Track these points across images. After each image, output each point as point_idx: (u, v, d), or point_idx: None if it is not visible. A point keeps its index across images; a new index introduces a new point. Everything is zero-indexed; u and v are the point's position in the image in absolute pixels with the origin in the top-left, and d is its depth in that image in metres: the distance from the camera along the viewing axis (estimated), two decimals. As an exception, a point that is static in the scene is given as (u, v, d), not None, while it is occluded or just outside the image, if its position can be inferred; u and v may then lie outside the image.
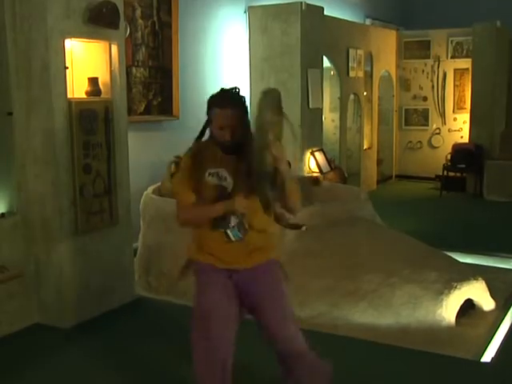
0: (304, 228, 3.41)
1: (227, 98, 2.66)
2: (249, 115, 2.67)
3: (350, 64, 8.79)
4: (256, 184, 2.56)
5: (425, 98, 10.49)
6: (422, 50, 10.44)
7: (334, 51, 8.41)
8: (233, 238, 2.64)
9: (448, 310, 4.18)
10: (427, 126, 10.53)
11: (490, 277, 4.89)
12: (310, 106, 7.37)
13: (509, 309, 4.56)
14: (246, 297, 2.76)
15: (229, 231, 2.63)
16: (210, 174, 2.67)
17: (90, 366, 3.71)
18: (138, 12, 5.91)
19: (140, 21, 5.94)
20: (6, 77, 4.06)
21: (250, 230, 2.65)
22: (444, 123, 10.41)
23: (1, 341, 4.04)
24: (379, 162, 10.26)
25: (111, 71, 4.41)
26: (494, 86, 9.24)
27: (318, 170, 7.46)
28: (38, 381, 3.55)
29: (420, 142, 10.62)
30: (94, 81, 4.32)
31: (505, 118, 9.61)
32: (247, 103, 2.67)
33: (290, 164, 2.75)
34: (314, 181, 6.37)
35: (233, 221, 2.62)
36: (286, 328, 2.82)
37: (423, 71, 10.47)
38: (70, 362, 3.77)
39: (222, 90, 2.72)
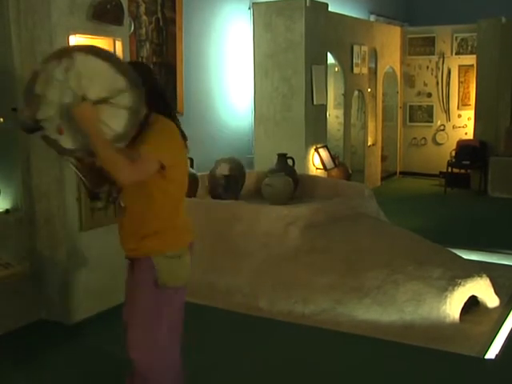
0: None
1: None
2: None
3: (354, 60, 8.76)
4: None
5: (429, 95, 10.46)
6: (426, 46, 10.40)
7: (339, 47, 8.39)
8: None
9: (452, 306, 4.18)
10: (432, 122, 10.50)
11: (494, 274, 4.88)
12: (315, 103, 7.36)
13: (513, 306, 4.56)
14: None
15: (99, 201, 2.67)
16: None
17: (93, 362, 3.72)
18: (142, 8, 5.91)
19: (144, 17, 5.94)
20: (10, 72, 4.07)
21: (127, 216, 2.58)
22: (448, 120, 10.38)
23: (6, 336, 4.05)
24: (383, 158, 10.24)
25: (115, 67, 4.40)
26: (498, 83, 9.21)
27: (322, 167, 7.46)
28: (42, 376, 3.56)
29: (424, 138, 10.59)
30: (98, 77, 4.32)
31: (510, 114, 9.56)
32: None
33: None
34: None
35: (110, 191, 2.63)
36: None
37: (428, 67, 10.44)
38: (73, 357, 3.78)
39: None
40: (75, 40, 4.13)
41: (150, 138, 2.43)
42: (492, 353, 3.83)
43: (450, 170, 9.35)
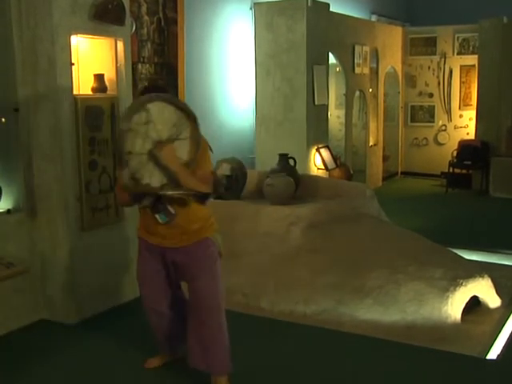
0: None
1: None
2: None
3: (355, 60, 8.75)
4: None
5: (431, 95, 10.46)
6: (428, 46, 10.40)
7: (340, 47, 8.38)
8: (160, 220, 3.08)
9: (454, 307, 4.17)
10: (433, 122, 10.50)
11: (496, 274, 4.88)
12: (316, 103, 7.36)
13: (515, 306, 4.56)
14: (177, 269, 3.25)
15: (157, 214, 3.08)
16: None
17: (95, 361, 3.73)
18: (144, 8, 5.91)
19: (146, 17, 5.94)
20: (12, 73, 4.07)
21: (180, 217, 3.09)
22: (450, 120, 10.38)
23: (7, 336, 4.06)
24: (385, 158, 10.24)
25: (117, 68, 4.41)
26: (500, 83, 9.20)
27: (323, 167, 7.46)
28: (44, 376, 3.56)
29: (426, 138, 10.59)
30: (99, 77, 4.32)
31: (511, 114, 9.56)
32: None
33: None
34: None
35: (160, 207, 3.06)
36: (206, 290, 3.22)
37: (429, 68, 10.44)
38: (75, 357, 3.78)
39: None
40: (77, 40, 4.15)
41: (201, 156, 3.04)
42: (493, 353, 3.83)
43: (451, 170, 9.35)
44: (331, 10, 7.70)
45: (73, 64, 4.09)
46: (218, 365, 3.27)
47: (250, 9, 7.47)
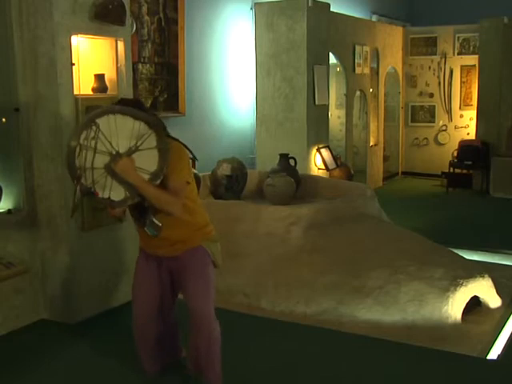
0: None
1: None
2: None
3: (356, 60, 8.76)
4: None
5: (431, 95, 10.46)
6: (428, 46, 10.40)
7: (341, 47, 8.38)
8: (149, 233, 3.05)
9: (454, 307, 4.17)
10: (433, 122, 10.50)
11: (496, 274, 4.88)
12: (316, 103, 7.36)
13: (515, 306, 4.56)
14: (173, 277, 3.23)
15: (145, 228, 3.05)
16: None
17: (95, 362, 3.72)
18: (145, 8, 5.91)
19: (146, 17, 5.94)
20: (12, 73, 4.07)
21: (166, 228, 3.02)
22: (450, 120, 10.38)
23: (7, 336, 4.06)
24: (385, 158, 10.24)
25: (117, 68, 4.41)
26: (500, 83, 9.21)
27: (324, 167, 7.46)
28: (44, 376, 3.56)
29: (426, 138, 10.59)
30: (100, 77, 4.32)
31: (511, 114, 9.56)
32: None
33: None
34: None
35: (147, 219, 3.02)
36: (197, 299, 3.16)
37: (430, 68, 10.44)
38: (75, 357, 3.78)
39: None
40: (77, 40, 4.15)
41: (174, 166, 2.93)
42: (494, 353, 3.83)
43: (451, 170, 9.35)
44: (331, 9, 7.69)
45: (73, 64, 4.09)
46: (211, 375, 3.20)
47: (251, 9, 7.47)
